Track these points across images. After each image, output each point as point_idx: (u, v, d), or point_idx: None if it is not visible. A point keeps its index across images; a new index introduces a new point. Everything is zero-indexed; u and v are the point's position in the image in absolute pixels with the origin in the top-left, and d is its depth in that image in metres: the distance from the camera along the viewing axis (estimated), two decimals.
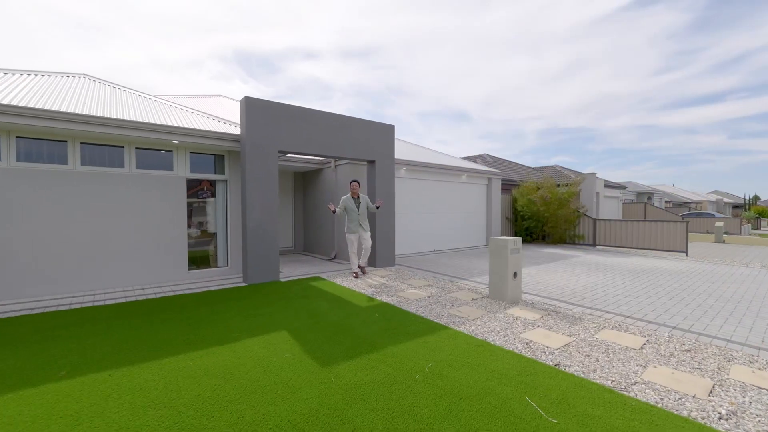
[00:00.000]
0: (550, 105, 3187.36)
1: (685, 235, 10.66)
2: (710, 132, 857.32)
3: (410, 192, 11.12)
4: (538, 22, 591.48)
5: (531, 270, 8.14)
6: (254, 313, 4.84)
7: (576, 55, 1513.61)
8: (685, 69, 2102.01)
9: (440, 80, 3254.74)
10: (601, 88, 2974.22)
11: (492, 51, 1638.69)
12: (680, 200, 35.92)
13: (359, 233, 7.10)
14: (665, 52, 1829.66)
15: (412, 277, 7.30)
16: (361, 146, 8.18)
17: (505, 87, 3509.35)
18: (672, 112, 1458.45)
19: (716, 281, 6.96)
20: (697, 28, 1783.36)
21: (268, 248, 6.82)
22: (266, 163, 6.82)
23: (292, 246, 11.74)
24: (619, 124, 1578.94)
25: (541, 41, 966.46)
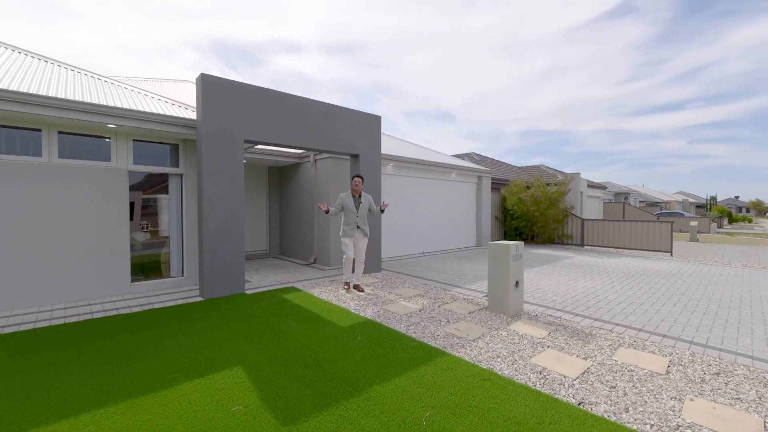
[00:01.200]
0: (530, 107, 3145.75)
1: (670, 235, 10.46)
2: (672, 137, 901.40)
3: (397, 190, 10.14)
4: (519, 29, 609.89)
5: (527, 274, 7.31)
6: (205, 340, 3.74)
7: (554, 61, 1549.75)
8: (650, 78, 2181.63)
9: (426, 80, 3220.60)
10: (576, 94, 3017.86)
11: (476, 54, 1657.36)
12: (652, 200, 36.38)
13: (356, 237, 5.84)
14: (634, 61, 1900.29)
15: (401, 285, 6.32)
16: (344, 138, 7.15)
17: (488, 89, 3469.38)
18: (638, 118, 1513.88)
19: (709, 283, 6.73)
20: (661, 40, 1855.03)
21: (230, 255, 5.70)
22: (229, 153, 5.71)
23: (266, 249, 10.58)
24: (592, 128, 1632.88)
25: (522, 47, 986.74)
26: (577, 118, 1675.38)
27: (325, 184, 8.53)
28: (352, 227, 5.75)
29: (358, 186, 5.82)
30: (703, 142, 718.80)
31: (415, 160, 10.34)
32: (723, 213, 37.11)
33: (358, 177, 5.88)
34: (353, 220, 5.73)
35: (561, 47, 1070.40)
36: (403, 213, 10.25)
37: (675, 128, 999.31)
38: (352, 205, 5.75)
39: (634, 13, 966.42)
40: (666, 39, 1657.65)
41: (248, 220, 10.17)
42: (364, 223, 5.86)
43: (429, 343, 3.64)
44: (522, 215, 12.91)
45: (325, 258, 8.46)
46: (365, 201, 5.88)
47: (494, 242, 4.72)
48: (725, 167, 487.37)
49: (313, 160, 8.87)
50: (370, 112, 7.63)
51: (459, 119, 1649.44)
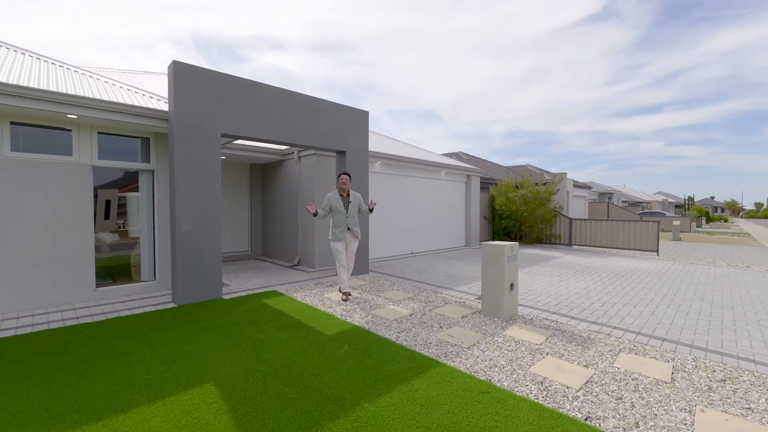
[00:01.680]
0: (515, 108, 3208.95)
1: (656, 235, 10.52)
2: (651, 139, 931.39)
3: (386, 189, 9.87)
4: (504, 30, 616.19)
5: (518, 275, 7.13)
6: (174, 353, 3.38)
7: (538, 63, 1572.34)
8: (630, 81, 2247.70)
9: (413, 79, 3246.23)
10: (560, 95, 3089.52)
11: (462, 54, 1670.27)
12: (634, 200, 37.10)
13: (346, 240, 5.41)
14: (615, 65, 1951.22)
15: (390, 287, 6.04)
16: (330, 134, 6.83)
17: (474, 89, 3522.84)
18: (619, 120, 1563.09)
19: (699, 283, 6.70)
20: (641, 45, 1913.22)
21: (206, 257, 5.32)
22: (204, 148, 5.33)
23: (247, 250, 10.16)
24: (575, 129, 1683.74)
25: (507, 48, 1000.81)
26: (560, 120, 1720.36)
27: (309, 182, 8.18)
28: (342, 229, 5.31)
29: (345, 184, 5.38)
30: (680, 144, 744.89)
31: (404, 158, 10.09)
32: (701, 213, 38.18)
33: (345, 174, 5.45)
34: (343, 221, 5.30)
35: (545, 49, 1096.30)
36: (391, 212, 9.99)
37: (654, 130, 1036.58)
38: (340, 206, 5.30)
39: (615, 17, 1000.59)
40: (646, 43, 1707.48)
41: (228, 219, 9.76)
42: (355, 224, 5.43)
43: (421, 352, 3.37)
44: (511, 215, 12.81)
45: (310, 259, 8.12)
46: (354, 200, 5.43)
47: (488, 243, 4.49)
48: (701, 168, 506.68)
49: (297, 156, 8.52)
50: (357, 107, 7.33)
51: (445, 119, 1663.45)
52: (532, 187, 12.75)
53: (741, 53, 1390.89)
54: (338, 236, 5.31)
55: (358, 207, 5.45)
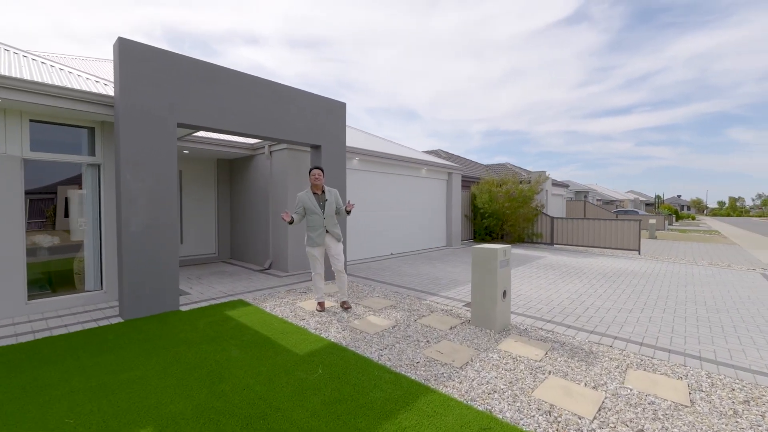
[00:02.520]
0: (493, 108, 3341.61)
1: (638, 234, 10.54)
2: (622, 140, 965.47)
3: (364, 187, 9.39)
4: (482, 31, 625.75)
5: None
6: (110, 384, 2.82)
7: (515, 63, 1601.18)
8: (603, 83, 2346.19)
9: (391, 77, 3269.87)
10: (536, 96, 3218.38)
11: (441, 53, 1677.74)
12: (608, 198, 38.08)
13: (325, 245, 4.72)
14: (588, 67, 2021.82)
15: (370, 294, 5.59)
16: (303, 126, 6.29)
17: (453, 88, 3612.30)
18: (592, 120, 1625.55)
19: (687, 284, 6.59)
20: (612, 48, 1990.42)
21: (159, 263, 4.71)
22: (157, 139, 4.71)
23: (214, 253, 9.48)
24: (550, 129, 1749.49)
25: (485, 48, 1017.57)
26: (536, 120, 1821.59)
27: (282, 179, 7.62)
28: (320, 233, 4.63)
29: (318, 180, 4.70)
30: (649, 144, 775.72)
31: (384, 155, 9.64)
32: (671, 211, 39.69)
33: (318, 169, 4.76)
34: (320, 223, 4.63)
35: (522, 50, 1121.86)
36: (369, 212, 9.53)
37: (625, 131, 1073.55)
38: (315, 205, 4.63)
39: (587, 20, 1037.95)
40: (616, 47, 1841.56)
41: (193, 219, 9.07)
42: (334, 224, 4.74)
43: (408, 375, 2.94)
44: (493, 213, 12.59)
45: (282, 263, 7.57)
46: (331, 197, 4.75)
47: (479, 246, 4.11)
48: (668, 168, 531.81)
49: (268, 151, 7.94)
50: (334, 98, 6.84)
51: (424, 117, 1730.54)
52: (517, 185, 12.59)
53: (706, 58, 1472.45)
54: (315, 241, 4.65)
55: (335, 205, 4.80)
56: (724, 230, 23.26)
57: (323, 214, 4.63)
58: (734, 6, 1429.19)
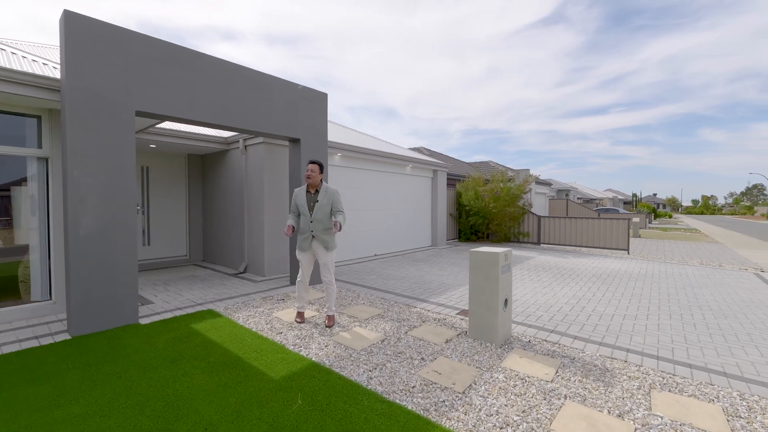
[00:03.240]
0: (472, 107, 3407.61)
1: (627, 233, 10.47)
2: (598, 139, 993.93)
3: (346, 184, 8.93)
4: (461, 30, 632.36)
5: None
6: (40, 425, 2.30)
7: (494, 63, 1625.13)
8: (579, 83, 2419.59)
9: (371, 75, 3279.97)
10: (515, 95, 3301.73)
11: (421, 52, 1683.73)
12: (588, 197, 38.74)
13: (313, 251, 4.17)
14: (565, 67, 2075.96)
15: (354, 301, 5.15)
16: (281, 117, 5.79)
17: (432, 87, 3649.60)
18: (569, 120, 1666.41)
19: (685, 286, 6.44)
20: (588, 49, 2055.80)
21: (115, 270, 4.15)
22: (112, 129, 4.15)
23: (185, 255, 8.84)
24: (528, 129, 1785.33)
25: (465, 47, 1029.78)
26: (515, 119, 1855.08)
27: (257, 176, 7.09)
28: (305, 237, 4.10)
29: (312, 176, 4.10)
30: (624, 144, 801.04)
31: (368, 150, 9.21)
32: (649, 209, 40.79)
33: (313, 163, 4.15)
34: (306, 226, 4.11)
35: (500, 50, 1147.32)
36: (352, 211, 9.09)
37: (601, 131, 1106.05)
38: (303, 205, 4.13)
39: (564, 22, 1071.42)
40: (592, 48, 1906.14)
41: (162, 219, 8.45)
42: (324, 230, 4.10)
43: (403, 404, 2.53)
44: (479, 212, 12.35)
45: (258, 266, 7.04)
46: (325, 198, 4.11)
47: (478, 250, 3.74)
48: (642, 167, 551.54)
49: (243, 146, 7.39)
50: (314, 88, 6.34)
51: (403, 116, 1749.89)
52: (504, 183, 12.36)
53: (677, 60, 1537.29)
54: (300, 245, 4.17)
55: (330, 209, 4.14)
56: (703, 228, 23.85)
57: (311, 217, 4.08)
58: (705, 9, 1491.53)
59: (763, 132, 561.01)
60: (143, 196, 8.19)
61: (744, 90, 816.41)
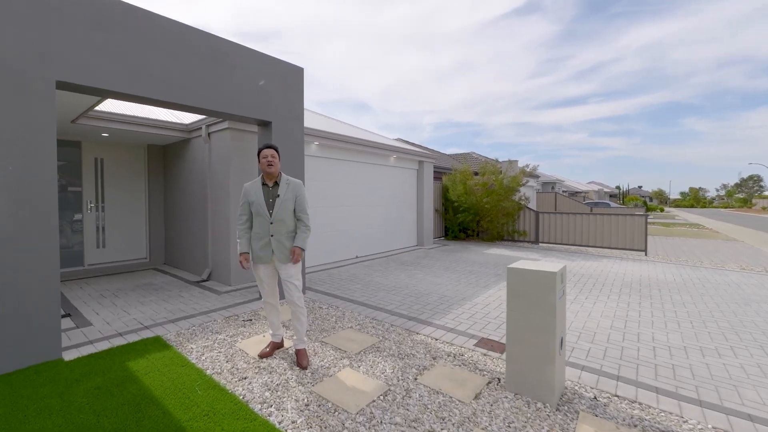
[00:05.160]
0: (444, 100, 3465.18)
1: (644, 231, 9.47)
2: (575, 130, 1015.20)
3: (323, 177, 8.03)
4: (432, 23, 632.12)
5: (503, 292, 5.81)
6: None
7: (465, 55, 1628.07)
8: (554, 74, 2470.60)
9: (342, 70, 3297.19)
10: (487, 88, 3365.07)
11: (391, 45, 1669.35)
12: (573, 189, 38.85)
13: (273, 265, 3.28)
14: (539, 58, 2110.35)
15: (338, 323, 4.28)
16: (247, 96, 4.82)
17: (404, 80, 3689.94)
18: (544, 111, 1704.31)
19: (749, 301, 5.31)
20: (563, 38, 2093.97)
21: (26, 291, 3.17)
22: (20, 105, 3.15)
23: (145, 258, 7.83)
24: (502, 121, 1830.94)
25: (435, 41, 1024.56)
26: (487, 111, 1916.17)
27: (222, 167, 6.12)
28: (265, 243, 3.19)
29: (272, 164, 3.21)
30: (602, 135, 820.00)
31: (350, 139, 8.31)
32: (642, 203, 40.75)
33: (269, 148, 3.26)
34: (265, 230, 3.19)
35: (471, 43, 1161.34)
36: (331, 207, 8.21)
37: (578, 122, 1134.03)
38: (261, 202, 3.22)
39: (539, 11, 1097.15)
40: (567, 37, 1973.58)
41: (118, 218, 7.53)
42: (287, 232, 3.21)
43: None
44: (470, 207, 11.62)
45: (224, 273, 6.11)
46: (288, 192, 3.24)
47: (520, 267, 2.76)
48: (621, 158, 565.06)
49: (206, 133, 6.38)
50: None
51: (375, 110, 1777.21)
52: (497, 175, 11.67)
53: (658, 47, 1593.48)
54: (257, 255, 3.22)
55: (293, 206, 3.26)
56: (705, 223, 22.99)
57: (271, 217, 3.20)
58: None
59: (752, 120, 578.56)
60: (97, 191, 7.24)
61: (731, 77, 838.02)
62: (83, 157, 7.01)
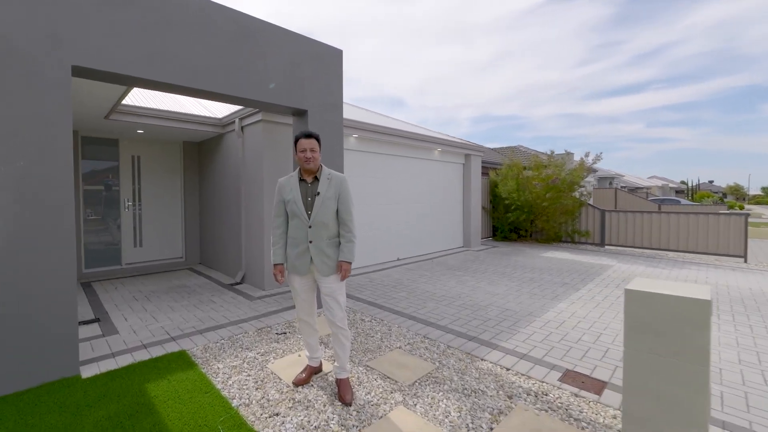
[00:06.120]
0: (482, 93, 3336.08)
1: (743, 233, 8.08)
2: (630, 121, 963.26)
3: (363, 173, 7.55)
4: (466, 14, 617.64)
5: (575, 306, 5.04)
6: None
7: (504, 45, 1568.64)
8: (606, 60, 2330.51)
9: (375, 67, 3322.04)
10: (530, 78, 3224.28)
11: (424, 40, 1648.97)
12: (632, 185, 36.16)
13: (311, 276, 2.76)
14: (589, 44, 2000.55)
15: (385, 340, 3.75)
16: (280, 82, 4.40)
17: (439, 74, 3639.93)
18: (595, 101, 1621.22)
19: None
20: (618, 21, 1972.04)
21: (37, 302, 2.90)
22: (31, 94, 2.87)
23: (181, 257, 7.76)
24: (547, 113, 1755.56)
25: (470, 32, 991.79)
26: (530, 103, 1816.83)
27: (255, 163, 5.78)
28: (302, 251, 2.66)
29: (311, 160, 2.65)
30: (662, 125, 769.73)
31: (390, 130, 7.78)
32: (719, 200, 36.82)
33: (308, 137, 2.67)
34: (303, 235, 2.66)
35: (510, 31, 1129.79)
36: (370, 205, 7.71)
37: (633, 111, 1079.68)
38: (298, 201, 2.66)
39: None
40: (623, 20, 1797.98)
41: (154, 217, 7.58)
42: (329, 239, 2.68)
43: None
44: (523, 205, 10.70)
45: (257, 276, 5.78)
46: (330, 189, 2.69)
47: (645, 290, 2.03)
48: (686, 151, 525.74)
49: (239, 127, 6.08)
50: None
51: (410, 105, 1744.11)
52: (561, 168, 10.63)
53: (732, 25, 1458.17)
54: (293, 264, 2.71)
55: (335, 205, 2.70)
56: None
57: (309, 219, 2.66)
58: None
59: None
60: (134, 190, 7.24)
61: None
62: (121, 155, 7.00)
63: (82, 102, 4.69)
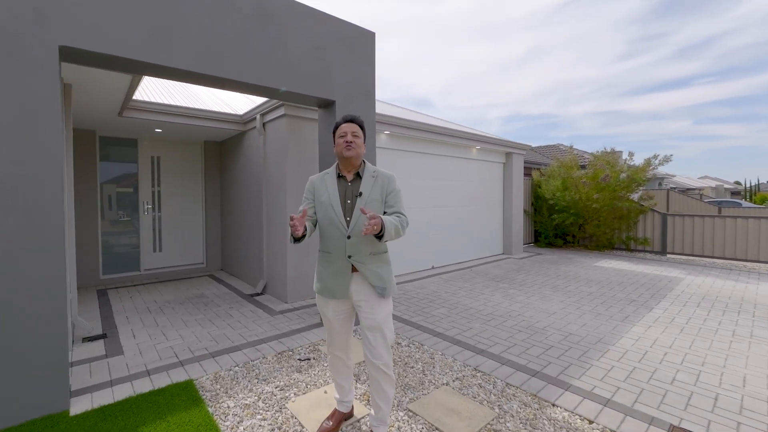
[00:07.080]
0: (513, 91, 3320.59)
1: None
2: (676, 117, 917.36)
3: (395, 173, 6.99)
4: (494, 12, 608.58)
5: (674, 338, 4.29)
6: None
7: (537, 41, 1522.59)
8: (649, 54, 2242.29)
9: (402, 68, 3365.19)
10: (564, 74, 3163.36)
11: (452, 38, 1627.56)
12: (683, 186, 33.90)
13: (352, 297, 2.16)
14: (629, 37, 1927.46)
15: (428, 373, 3.14)
16: (305, 66, 3.91)
17: (467, 73, 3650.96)
18: (637, 97, 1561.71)
19: None
20: (660, 12, 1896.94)
21: (21, 325, 2.49)
22: (14, 79, 2.49)
23: (202, 263, 7.46)
24: (583, 110, 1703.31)
25: (500, 28, 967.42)
26: (565, 101, 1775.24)
27: (278, 161, 5.34)
28: (338, 268, 2.13)
29: (352, 146, 2.14)
30: (711, 121, 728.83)
31: (426, 126, 7.19)
32: None
33: (349, 122, 2.20)
34: (339, 247, 2.11)
35: (542, 27, 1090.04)
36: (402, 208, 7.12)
37: (679, 107, 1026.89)
38: (333, 202, 2.13)
39: None
40: (666, 11, 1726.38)
41: (175, 221, 7.34)
42: (373, 256, 2.14)
43: None
44: (570, 206, 9.81)
45: (279, 287, 5.33)
46: (375, 190, 2.17)
47: None
48: (740, 149, 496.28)
49: (261, 123, 5.66)
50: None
51: (437, 105, 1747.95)
52: (613, 166, 9.65)
53: None
54: (326, 286, 2.18)
55: (383, 211, 2.16)
56: None
57: (348, 228, 2.11)
58: None
59: None
60: (153, 192, 7.00)
61: None
62: (139, 155, 6.77)
63: (89, 95, 4.36)
